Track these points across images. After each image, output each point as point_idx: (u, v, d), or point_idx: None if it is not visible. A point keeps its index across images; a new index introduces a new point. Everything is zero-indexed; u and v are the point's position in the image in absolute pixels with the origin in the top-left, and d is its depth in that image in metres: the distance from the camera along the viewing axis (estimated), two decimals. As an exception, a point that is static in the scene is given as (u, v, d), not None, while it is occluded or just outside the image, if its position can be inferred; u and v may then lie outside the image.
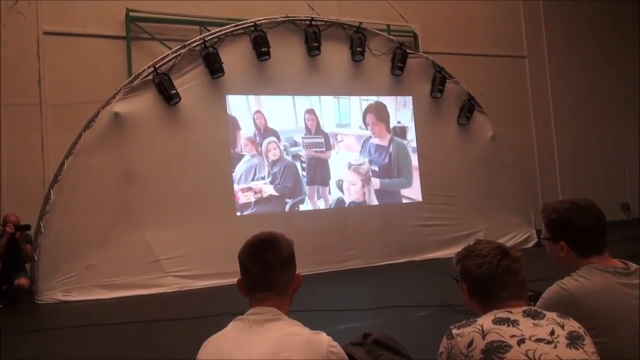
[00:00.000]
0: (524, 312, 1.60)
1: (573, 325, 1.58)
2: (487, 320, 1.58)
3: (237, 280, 1.75)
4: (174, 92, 7.16)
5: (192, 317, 5.21)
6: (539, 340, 1.50)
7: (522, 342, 1.50)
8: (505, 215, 8.94)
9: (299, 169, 8.02)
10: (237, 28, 7.68)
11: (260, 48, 7.58)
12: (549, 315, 1.60)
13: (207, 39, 7.43)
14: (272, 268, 1.68)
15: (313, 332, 1.60)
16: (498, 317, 1.59)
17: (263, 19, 7.77)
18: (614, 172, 11.47)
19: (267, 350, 1.52)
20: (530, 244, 8.94)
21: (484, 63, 10.55)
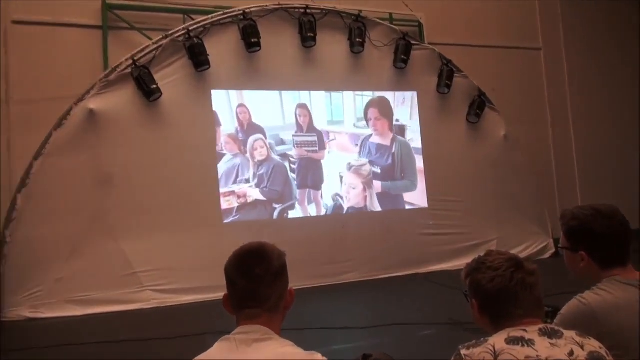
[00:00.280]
0: (540, 330, 1.60)
1: (594, 345, 1.58)
2: (499, 340, 1.58)
3: (223, 296, 1.74)
4: (155, 86, 7.15)
5: (172, 336, 5.18)
6: (557, 362, 1.50)
7: (538, 364, 1.49)
8: (520, 223, 8.96)
9: (288, 171, 7.99)
10: (224, 17, 7.68)
11: (250, 39, 7.58)
12: (568, 334, 1.60)
13: (191, 29, 7.42)
14: (261, 282, 1.67)
15: (307, 352, 1.60)
16: (511, 336, 1.58)
17: (253, 7, 7.77)
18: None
19: (255, 374, 1.51)
20: (547, 255, 8.98)
21: (496, 55, 10.57)
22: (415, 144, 8.78)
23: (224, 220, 7.52)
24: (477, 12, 10.54)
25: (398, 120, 8.75)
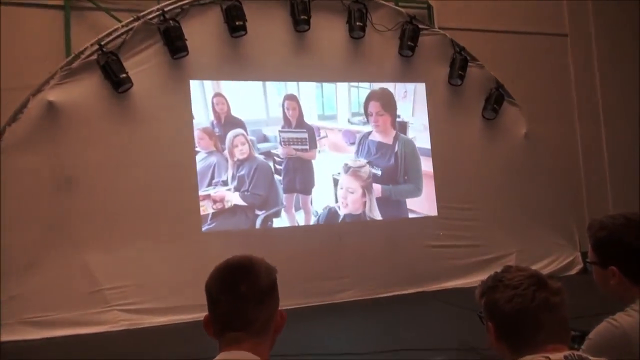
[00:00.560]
0: (566, 358, 1.60)
1: (626, 375, 1.59)
2: (518, 369, 1.59)
3: (203, 317, 1.74)
4: (124, 76, 7.15)
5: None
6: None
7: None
8: (542, 234, 8.99)
9: (273, 172, 7.96)
10: (205, -4, 7.69)
11: (235, 21, 7.59)
12: (597, 362, 1.61)
13: (166, 10, 7.42)
14: (246, 301, 1.67)
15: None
16: (533, 364, 1.59)
17: (238, -15, 7.79)
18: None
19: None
20: (574, 271, 9.00)
21: (515, 42, 10.59)
22: (420, 144, 8.77)
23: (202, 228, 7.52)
24: (494, -8, 10.56)
25: (399, 117, 8.76)
